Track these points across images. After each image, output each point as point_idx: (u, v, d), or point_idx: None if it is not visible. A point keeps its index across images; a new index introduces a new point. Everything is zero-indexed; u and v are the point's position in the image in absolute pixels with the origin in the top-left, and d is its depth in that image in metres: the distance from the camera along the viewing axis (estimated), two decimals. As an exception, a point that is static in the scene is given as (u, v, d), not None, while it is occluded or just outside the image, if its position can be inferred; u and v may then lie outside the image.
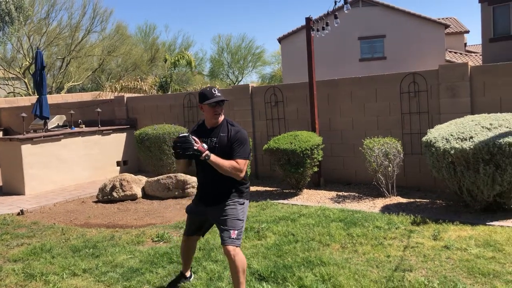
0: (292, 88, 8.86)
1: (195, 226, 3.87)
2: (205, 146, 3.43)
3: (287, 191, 7.90)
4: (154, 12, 71.84)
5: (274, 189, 8.22)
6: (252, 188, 8.39)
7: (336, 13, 6.79)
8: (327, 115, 8.36)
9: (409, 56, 23.69)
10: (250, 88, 9.39)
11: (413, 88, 7.43)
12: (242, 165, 3.46)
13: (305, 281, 3.98)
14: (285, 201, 7.17)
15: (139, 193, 8.25)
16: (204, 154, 3.36)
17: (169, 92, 20.54)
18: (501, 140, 5.28)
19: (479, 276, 3.92)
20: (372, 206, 6.60)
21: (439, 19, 25.98)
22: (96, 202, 8.11)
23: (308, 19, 7.77)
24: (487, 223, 5.33)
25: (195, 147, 3.34)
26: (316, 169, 7.59)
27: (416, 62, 22.85)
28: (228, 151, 3.46)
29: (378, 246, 4.82)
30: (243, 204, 3.59)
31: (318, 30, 7.61)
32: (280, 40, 26.76)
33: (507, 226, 5.18)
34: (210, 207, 3.62)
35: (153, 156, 9.66)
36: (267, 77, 51.00)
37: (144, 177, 8.64)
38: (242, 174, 3.48)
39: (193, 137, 3.40)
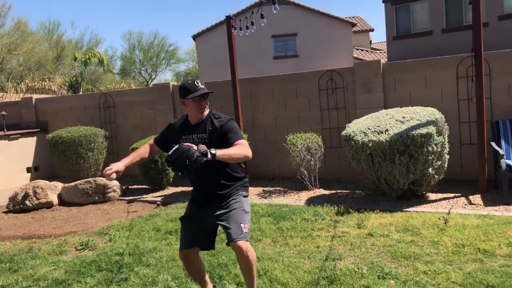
0: (215, 86, 8.83)
1: (194, 235, 3.35)
2: (204, 146, 2.93)
3: (213, 189, 7.89)
4: (58, 8, 67.79)
5: (199, 188, 8.16)
6: (173, 190, 8.27)
7: (263, 13, 6.89)
8: (250, 113, 8.47)
9: (320, 54, 24.66)
10: (171, 86, 9.22)
11: (331, 85, 7.77)
12: (246, 144, 3.14)
13: (242, 278, 4.00)
14: (213, 200, 7.15)
15: (55, 200, 7.78)
16: (210, 154, 2.84)
17: (81, 92, 19.54)
18: (413, 132, 5.69)
19: (402, 260, 4.20)
20: (297, 199, 6.80)
21: (346, 18, 27.33)
22: (6, 212, 7.53)
23: (228, 18, 7.80)
24: (404, 210, 5.73)
25: (199, 151, 2.79)
26: (242, 166, 7.64)
27: (327, 59, 23.85)
28: (222, 143, 3.11)
29: (308, 238, 4.98)
30: (246, 197, 3.33)
31: (241, 29, 7.66)
32: (194, 37, 26.55)
33: (421, 211, 5.61)
34: (211, 206, 3.25)
35: (68, 160, 9.15)
36: (182, 75, 50.36)
37: (59, 183, 8.16)
38: (251, 153, 3.10)
39: (185, 143, 2.86)
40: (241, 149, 3.03)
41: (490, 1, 14.75)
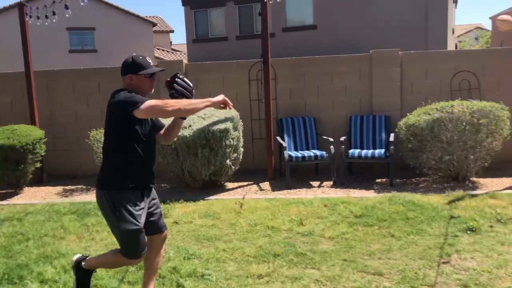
0: (4, 78, 8.04)
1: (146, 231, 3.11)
2: None
3: (4, 191, 7.19)
4: None
5: (-13, 190, 7.35)
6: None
7: (67, 4, 6.54)
8: (47, 108, 7.96)
9: (120, 50, 24.12)
10: None
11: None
12: None
13: (46, 275, 3.88)
14: (5, 202, 6.55)
15: None
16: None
17: None
18: (214, 128, 6.24)
19: (204, 241, 4.63)
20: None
21: (146, 16, 27.40)
22: None
23: (21, 4, 7.19)
24: (205, 198, 6.24)
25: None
26: (39, 164, 7.17)
27: (127, 56, 23.52)
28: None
29: (115, 231, 5.04)
30: None
31: (38, 18, 7.14)
32: (-29, 22, 23.14)
33: (221, 199, 6.21)
34: (150, 190, 3.12)
35: None
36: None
37: None
38: None
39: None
40: None
41: (276, 15, 16.71)
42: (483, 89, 7.35)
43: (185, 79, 3.12)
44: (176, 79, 3.07)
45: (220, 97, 3.03)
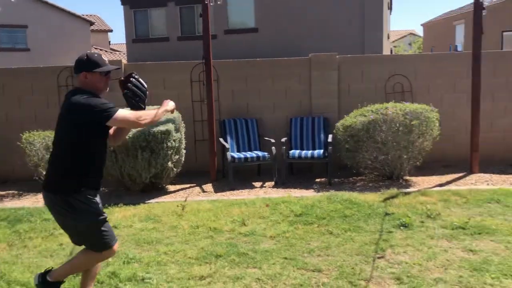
0: None
1: None
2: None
3: None
4: None
5: None
6: None
7: None
8: (-26, 109, 7.50)
9: (55, 49, 23.29)
10: None
11: (71, 81, 7.57)
12: None
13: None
14: None
15: None
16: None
17: None
18: (154, 129, 6.14)
19: (145, 245, 4.55)
20: (35, 201, 6.43)
21: (83, 15, 26.52)
22: None
23: None
24: (146, 202, 6.11)
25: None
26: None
27: (63, 56, 22.66)
28: None
29: (50, 237, 4.85)
30: None
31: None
32: None
33: (162, 202, 6.11)
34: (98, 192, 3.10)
35: None
36: None
37: None
38: None
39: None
40: None
41: (218, 17, 16.70)
42: (415, 92, 7.74)
43: (140, 79, 3.11)
44: (131, 78, 3.06)
45: (172, 105, 3.23)
